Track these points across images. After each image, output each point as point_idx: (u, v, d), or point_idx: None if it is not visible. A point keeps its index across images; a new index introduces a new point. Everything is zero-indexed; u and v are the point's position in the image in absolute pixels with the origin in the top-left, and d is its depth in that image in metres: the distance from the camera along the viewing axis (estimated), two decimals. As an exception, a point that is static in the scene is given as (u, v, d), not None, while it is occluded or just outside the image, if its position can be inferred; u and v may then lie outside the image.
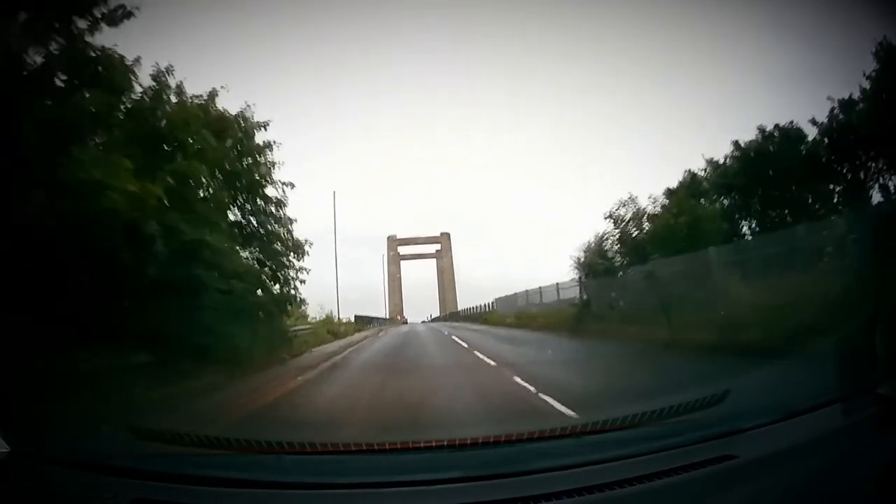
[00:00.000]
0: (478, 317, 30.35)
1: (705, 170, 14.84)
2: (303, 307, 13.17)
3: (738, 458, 1.83)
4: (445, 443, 2.22)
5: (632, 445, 2.05)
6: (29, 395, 3.99)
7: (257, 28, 29.40)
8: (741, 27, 24.13)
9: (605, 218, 14.01)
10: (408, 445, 2.26)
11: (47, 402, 4.39)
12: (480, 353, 10.13)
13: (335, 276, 19.46)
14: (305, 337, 13.36)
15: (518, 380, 6.38)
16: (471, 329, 20.11)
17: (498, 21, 35.96)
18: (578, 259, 14.75)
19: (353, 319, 25.59)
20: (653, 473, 1.73)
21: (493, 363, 8.64)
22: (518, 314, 20.89)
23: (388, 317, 43.29)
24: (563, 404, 4.80)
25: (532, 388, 5.73)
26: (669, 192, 14.21)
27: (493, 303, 29.63)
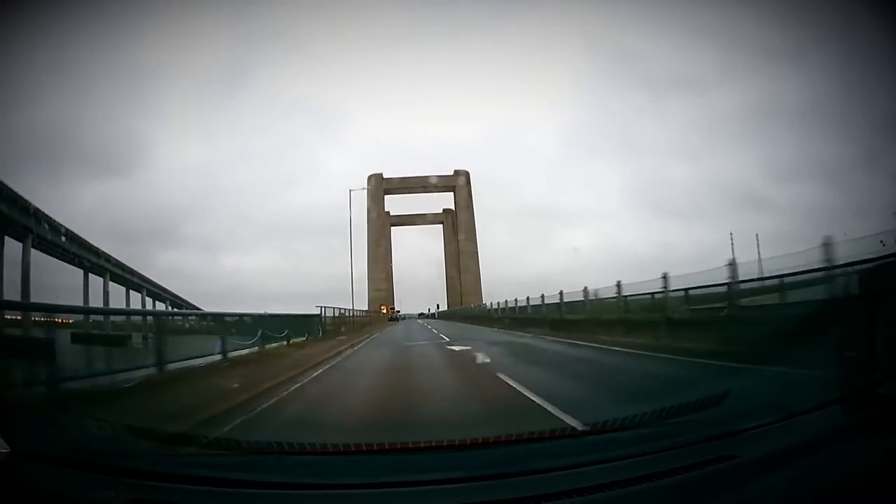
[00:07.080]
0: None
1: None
2: None
3: (738, 458, 1.84)
4: (445, 443, 2.22)
5: (632, 446, 2.05)
6: (29, 395, 3.97)
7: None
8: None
9: None
10: (408, 446, 2.26)
11: (47, 402, 4.37)
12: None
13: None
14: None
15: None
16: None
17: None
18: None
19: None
20: (653, 473, 1.73)
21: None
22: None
23: (364, 310, 29.41)
24: None
25: None
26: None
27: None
